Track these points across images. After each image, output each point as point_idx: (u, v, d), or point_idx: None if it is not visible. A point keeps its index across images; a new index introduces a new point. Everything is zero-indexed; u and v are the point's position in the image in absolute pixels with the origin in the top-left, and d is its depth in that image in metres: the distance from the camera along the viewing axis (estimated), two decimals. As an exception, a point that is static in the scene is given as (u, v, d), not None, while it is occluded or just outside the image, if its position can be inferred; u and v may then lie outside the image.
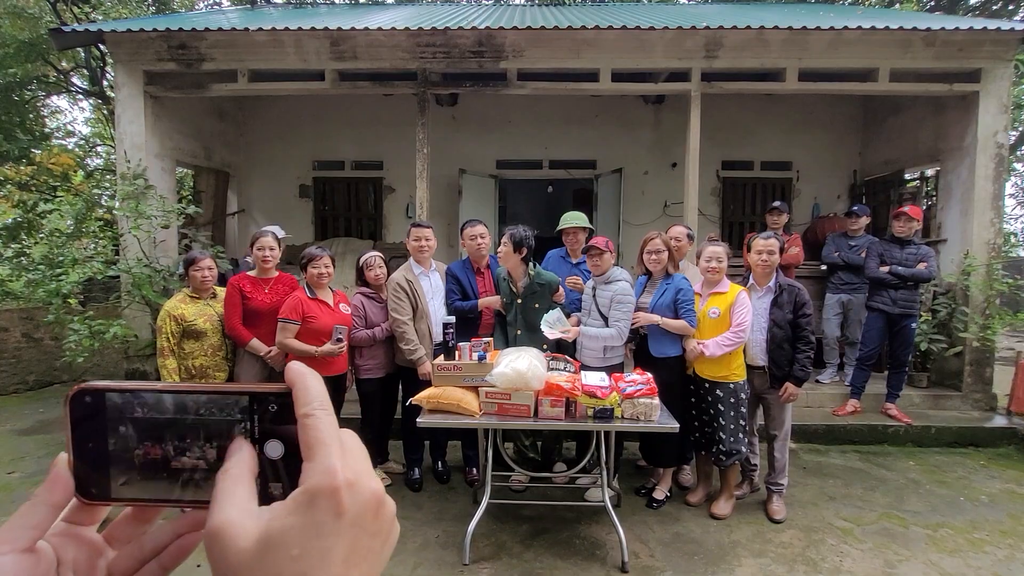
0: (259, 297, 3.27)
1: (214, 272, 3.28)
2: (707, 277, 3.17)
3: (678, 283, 3.16)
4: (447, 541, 2.97)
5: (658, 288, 3.21)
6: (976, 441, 4.49)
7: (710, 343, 3.07)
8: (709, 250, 3.16)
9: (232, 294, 3.23)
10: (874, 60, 4.89)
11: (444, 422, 2.77)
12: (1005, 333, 9.10)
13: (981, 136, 4.92)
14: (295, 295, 3.23)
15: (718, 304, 3.12)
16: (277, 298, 3.31)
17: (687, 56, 4.92)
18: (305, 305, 3.20)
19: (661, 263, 3.22)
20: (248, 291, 3.26)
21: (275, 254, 3.32)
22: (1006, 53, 4.88)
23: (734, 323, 3.06)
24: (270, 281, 3.35)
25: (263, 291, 3.30)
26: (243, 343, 3.25)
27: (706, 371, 3.15)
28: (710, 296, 3.17)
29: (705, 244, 3.26)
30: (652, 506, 3.33)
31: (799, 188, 7.13)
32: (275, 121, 7.02)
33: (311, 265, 3.25)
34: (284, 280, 3.42)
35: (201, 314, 3.22)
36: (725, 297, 3.12)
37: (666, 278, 3.20)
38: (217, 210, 6.49)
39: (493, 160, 7.10)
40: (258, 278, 3.33)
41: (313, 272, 3.25)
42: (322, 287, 3.32)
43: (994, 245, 4.92)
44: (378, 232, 7.16)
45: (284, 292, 3.35)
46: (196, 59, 5.01)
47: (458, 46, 4.87)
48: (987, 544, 3.00)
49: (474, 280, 3.56)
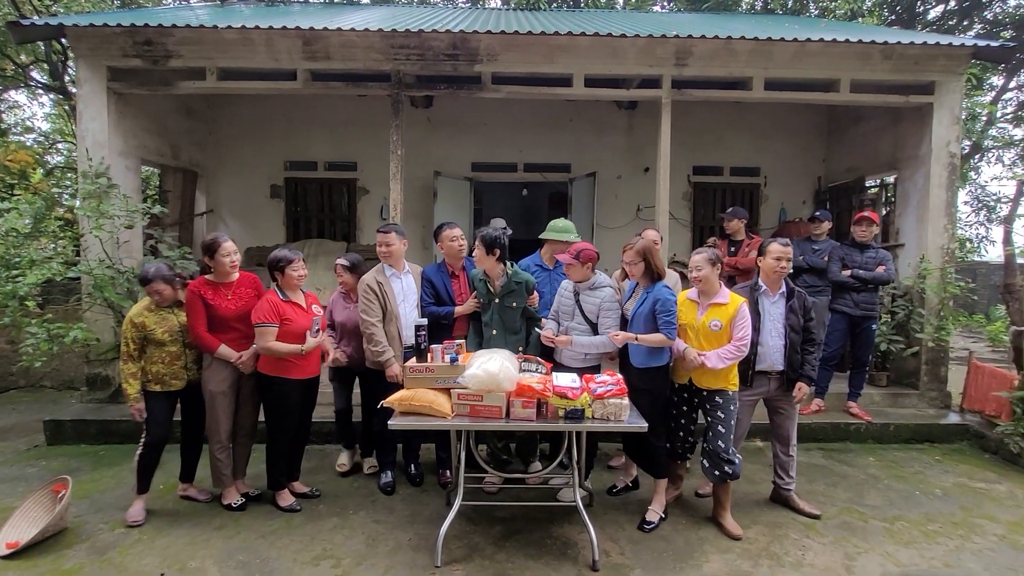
0: (223, 303, 3.18)
1: (171, 288, 3.14)
2: (695, 287, 3.09)
3: (657, 292, 3.05)
4: (419, 544, 2.96)
5: (639, 297, 3.14)
6: (932, 437, 4.69)
7: (711, 355, 2.96)
8: (692, 259, 3.09)
9: (193, 302, 3.13)
10: (836, 71, 5.08)
11: (416, 424, 2.77)
12: (959, 334, 9.53)
13: (935, 146, 5.15)
14: (268, 298, 3.17)
15: (720, 316, 3.00)
16: (242, 302, 3.23)
17: (658, 63, 5.02)
18: (279, 308, 3.14)
19: (635, 273, 3.15)
20: (210, 298, 3.15)
21: (239, 257, 3.26)
22: (958, 67, 5.12)
23: (736, 336, 2.98)
24: (232, 285, 3.25)
25: (226, 296, 3.20)
26: (211, 351, 3.16)
27: (705, 381, 3.05)
28: (710, 307, 3.04)
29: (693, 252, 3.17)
30: (643, 528, 3.13)
31: (767, 193, 7.34)
32: (246, 120, 6.89)
33: (290, 268, 3.18)
34: (246, 282, 3.32)
35: (162, 323, 3.13)
36: (726, 309, 3.01)
37: (649, 286, 3.12)
38: (184, 210, 6.32)
39: (468, 162, 7.11)
40: (219, 282, 3.22)
41: (292, 274, 3.19)
42: (296, 289, 3.28)
43: (948, 250, 5.15)
44: (352, 234, 7.08)
45: (249, 295, 3.27)
46: (163, 56, 4.89)
47: (432, 48, 4.87)
48: (940, 535, 3.13)
49: (449, 283, 3.56)
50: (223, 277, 3.22)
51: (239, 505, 3.32)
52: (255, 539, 3.00)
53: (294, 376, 3.21)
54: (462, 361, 2.87)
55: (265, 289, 3.32)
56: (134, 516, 3.15)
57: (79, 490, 3.48)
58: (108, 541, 2.98)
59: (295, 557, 2.83)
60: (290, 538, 3.01)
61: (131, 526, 3.09)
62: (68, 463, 4.05)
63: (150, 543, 2.96)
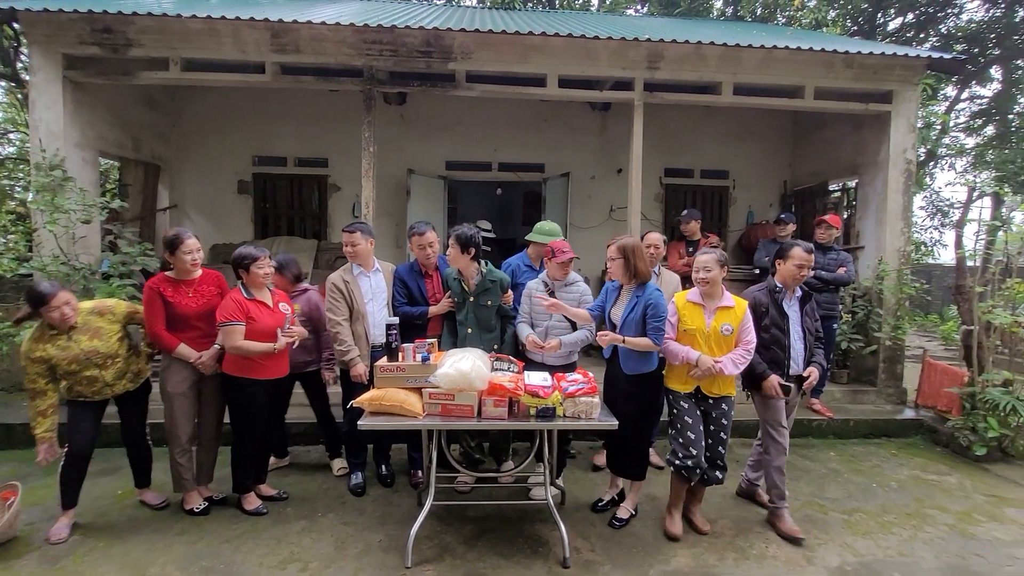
0: (183, 301, 3.07)
1: (73, 307, 2.80)
2: (701, 289, 2.96)
3: (650, 296, 2.92)
4: (389, 545, 2.93)
5: (629, 301, 2.99)
6: (888, 432, 4.88)
7: (726, 361, 2.85)
8: (699, 259, 2.94)
9: (152, 299, 3.01)
10: (801, 78, 5.24)
11: (386, 424, 2.73)
12: (915, 333, 9.95)
13: (893, 152, 5.36)
14: (232, 296, 3.06)
15: (730, 320, 2.90)
16: (204, 300, 3.11)
17: (630, 66, 5.09)
18: (244, 306, 3.05)
19: (614, 271, 3.04)
20: (170, 295, 3.04)
21: (201, 255, 3.14)
22: (914, 77, 5.35)
23: (744, 340, 2.90)
24: (193, 282, 3.13)
25: (187, 294, 3.08)
26: (170, 350, 3.05)
27: (715, 388, 2.96)
28: (718, 311, 2.92)
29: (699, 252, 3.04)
30: (614, 525, 3.15)
31: (735, 196, 7.52)
32: (212, 113, 6.69)
33: (255, 265, 3.06)
34: (209, 279, 3.20)
35: (64, 353, 2.80)
36: (735, 312, 2.92)
37: (638, 287, 2.97)
38: (146, 205, 6.10)
39: (442, 161, 7.07)
40: (180, 280, 3.10)
41: (257, 272, 3.07)
42: (262, 288, 3.19)
43: (904, 252, 5.38)
44: (322, 231, 6.96)
45: (211, 293, 3.16)
46: (123, 44, 4.71)
47: (406, 45, 4.82)
48: (895, 526, 3.27)
49: (423, 284, 3.52)
50: (184, 274, 3.10)
51: (201, 510, 3.21)
52: (219, 544, 2.92)
53: (260, 376, 3.11)
54: (434, 360, 2.85)
55: (231, 288, 3.22)
56: (57, 534, 2.91)
57: (30, 496, 3.32)
58: (61, 550, 2.85)
59: (261, 561, 2.76)
60: (256, 542, 2.94)
61: (55, 544, 2.87)
62: (18, 468, 3.85)
63: (107, 551, 2.84)
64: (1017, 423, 4.29)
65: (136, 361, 3.12)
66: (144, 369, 3.18)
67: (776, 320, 3.11)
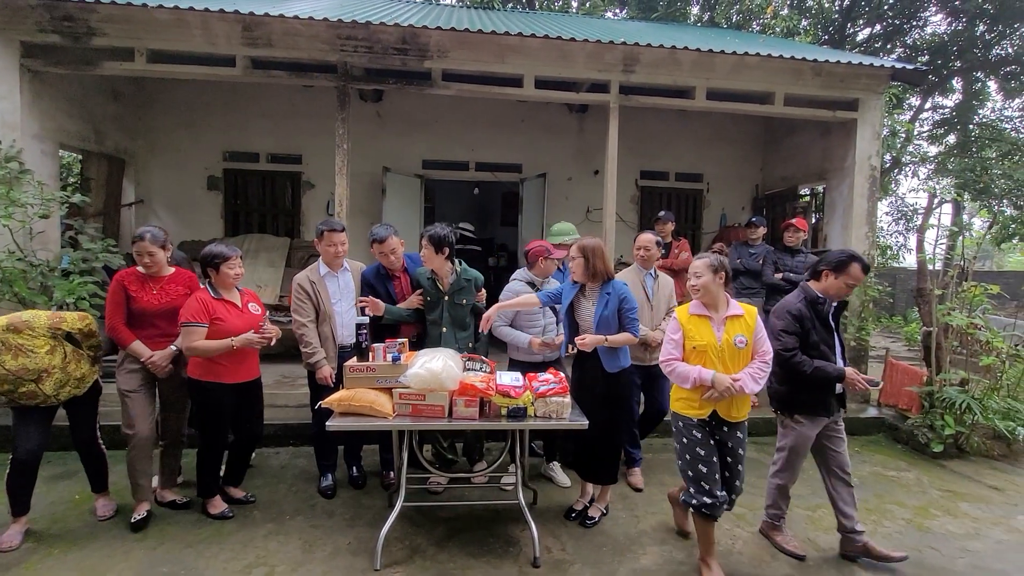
0: (145, 297, 3.01)
1: None
2: (694, 296, 2.67)
3: (620, 290, 2.93)
4: (359, 547, 2.89)
5: (600, 299, 2.95)
6: (852, 430, 4.99)
7: (745, 378, 2.51)
8: (693, 264, 2.67)
9: (115, 291, 2.96)
10: (771, 85, 5.36)
11: (356, 425, 2.70)
12: (879, 334, 10.28)
13: (858, 159, 5.53)
14: (198, 295, 2.97)
15: (743, 331, 2.58)
16: (168, 299, 3.05)
17: (606, 69, 5.13)
18: (210, 306, 2.96)
19: (575, 270, 3.02)
20: (133, 290, 2.98)
21: (157, 258, 3.00)
22: (878, 86, 5.52)
23: (761, 351, 2.59)
24: (161, 280, 3.08)
25: (151, 291, 3.03)
26: (124, 345, 2.99)
27: (733, 411, 2.60)
28: (727, 321, 2.59)
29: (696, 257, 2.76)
30: (585, 524, 3.13)
31: (709, 199, 7.66)
32: (180, 106, 6.52)
33: (225, 265, 2.99)
34: (179, 279, 3.14)
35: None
36: (745, 321, 2.60)
37: (604, 285, 2.96)
38: (110, 200, 5.90)
39: (419, 159, 7.02)
40: (148, 276, 3.05)
41: (228, 273, 3.00)
42: (231, 288, 3.10)
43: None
44: (295, 229, 6.84)
45: (178, 292, 3.09)
46: (85, 33, 4.55)
47: (381, 42, 4.77)
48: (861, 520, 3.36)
49: (391, 286, 3.47)
50: (147, 271, 3.04)
51: (139, 520, 2.98)
52: (181, 549, 2.84)
53: (225, 380, 3.02)
54: (405, 360, 2.83)
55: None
56: (8, 541, 2.79)
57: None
58: (12, 558, 2.73)
59: (225, 566, 2.70)
60: (220, 546, 2.87)
61: (5, 551, 2.75)
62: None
63: (62, 557, 2.74)
64: (972, 421, 4.46)
65: (78, 367, 2.92)
66: (89, 373, 3.00)
67: (823, 335, 2.79)
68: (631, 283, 3.57)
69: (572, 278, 3.08)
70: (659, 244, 3.67)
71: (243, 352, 3.04)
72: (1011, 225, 12.78)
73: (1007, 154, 12.37)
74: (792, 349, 2.76)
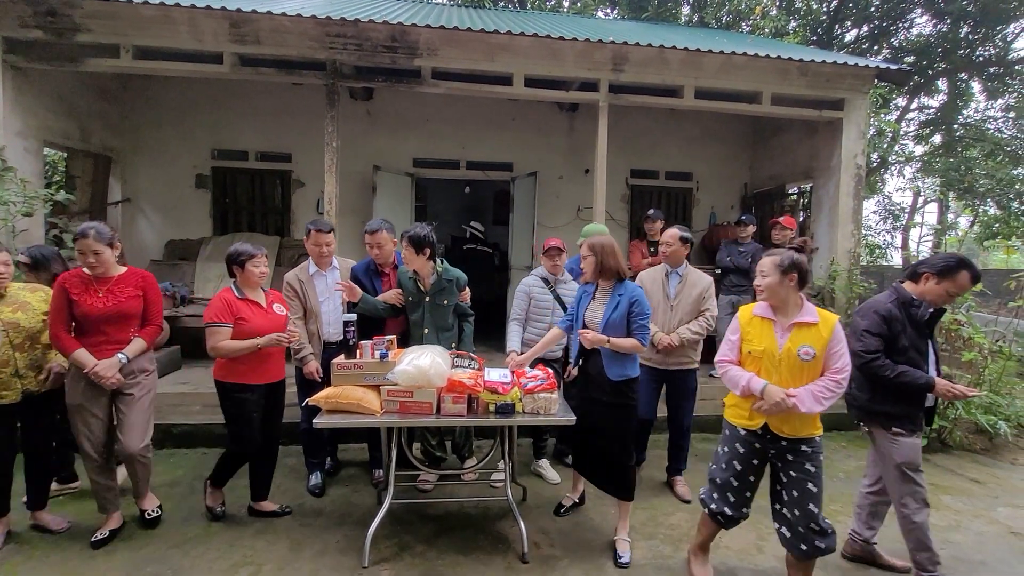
0: (89, 301, 2.68)
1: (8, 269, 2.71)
2: (759, 297, 2.39)
3: (632, 292, 2.75)
4: (347, 546, 2.88)
5: (610, 300, 2.79)
6: (839, 426, 5.08)
7: (803, 395, 2.19)
8: (761, 261, 2.35)
9: (57, 295, 2.67)
10: (758, 84, 5.41)
11: (343, 422, 2.69)
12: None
13: (844, 158, 5.60)
14: (222, 295, 2.85)
15: (811, 341, 2.22)
16: (115, 302, 2.72)
17: (596, 68, 5.15)
18: (234, 306, 2.84)
19: (586, 269, 2.87)
20: (75, 293, 2.67)
21: (103, 257, 2.67)
22: (864, 86, 5.59)
23: (833, 367, 2.22)
24: (109, 281, 2.74)
25: (95, 294, 2.70)
26: (66, 353, 2.70)
27: (789, 427, 2.28)
28: (793, 328, 2.25)
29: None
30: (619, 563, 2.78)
31: (699, 198, 7.70)
32: (168, 104, 6.46)
33: (251, 263, 2.88)
34: (130, 280, 2.80)
35: None
36: (818, 331, 2.23)
37: (618, 285, 2.81)
38: (96, 198, 5.84)
39: (410, 158, 7.01)
40: (93, 276, 2.72)
41: (253, 271, 2.89)
42: (256, 287, 2.99)
43: (854, 253, 5.61)
44: (285, 228, 6.80)
45: (128, 295, 2.76)
46: (69, 29, 4.50)
47: (370, 39, 4.76)
48: (840, 515, 3.40)
49: (379, 283, 3.48)
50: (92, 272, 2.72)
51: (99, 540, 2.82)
52: (167, 549, 2.82)
53: (252, 381, 2.92)
54: (392, 357, 2.82)
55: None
56: None
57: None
58: (-6, 558, 2.70)
59: (211, 566, 2.68)
60: (207, 546, 2.85)
61: None
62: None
63: (44, 558, 2.71)
64: (955, 416, 4.53)
65: (51, 357, 2.86)
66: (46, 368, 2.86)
67: (915, 341, 2.52)
68: (652, 280, 3.54)
69: (583, 278, 2.96)
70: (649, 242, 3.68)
71: (267, 352, 2.95)
72: (994, 224, 12.98)
73: (990, 154, 12.57)
74: (875, 352, 2.49)
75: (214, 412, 4.37)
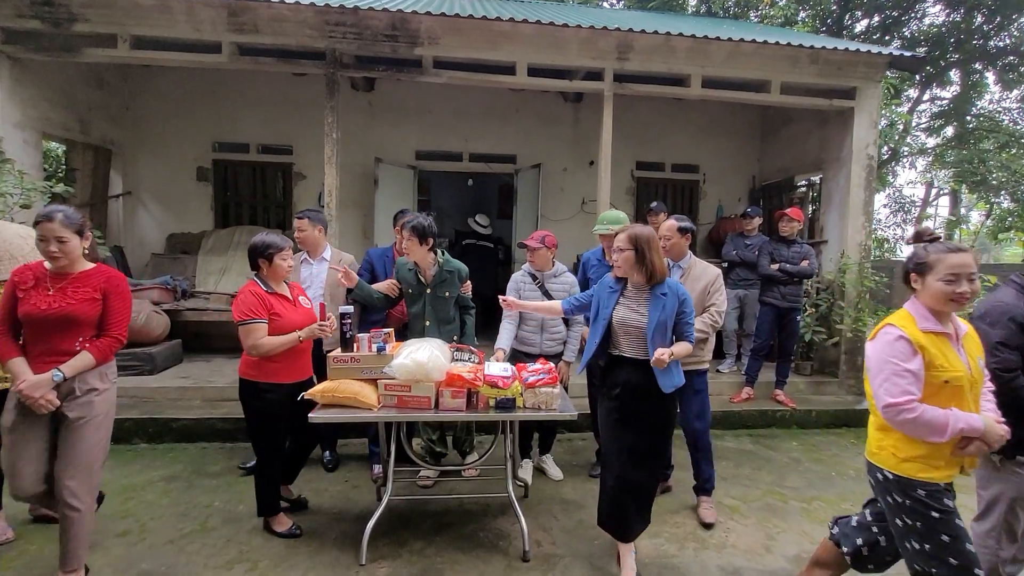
0: (33, 299, 2.23)
1: None
2: (953, 306, 1.83)
3: (679, 290, 2.45)
4: (344, 543, 2.83)
5: (653, 301, 2.41)
6: (849, 422, 4.98)
7: (997, 418, 1.84)
8: (953, 260, 1.80)
9: (6, 290, 2.29)
10: (767, 73, 5.27)
11: (340, 416, 2.63)
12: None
13: (855, 148, 5.46)
14: (250, 290, 2.69)
15: (979, 351, 1.91)
16: (64, 304, 2.23)
17: (600, 56, 5.04)
18: (266, 300, 2.69)
19: (623, 265, 2.44)
20: (23, 289, 2.25)
21: (69, 247, 2.23)
22: (876, 74, 5.44)
23: (986, 381, 1.96)
24: (65, 278, 2.27)
25: (44, 291, 2.24)
26: (2, 360, 2.30)
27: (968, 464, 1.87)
28: (964, 339, 1.89)
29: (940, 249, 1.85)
30: None
31: (705, 190, 7.58)
32: (168, 95, 6.40)
33: (279, 256, 2.73)
34: (92, 279, 2.31)
35: None
36: (974, 337, 1.94)
37: (657, 285, 2.43)
38: (96, 191, 5.80)
39: (412, 150, 6.93)
40: (51, 271, 2.28)
41: (281, 264, 2.74)
42: (282, 281, 2.84)
43: (865, 246, 5.48)
44: (287, 221, 6.74)
45: (83, 297, 2.27)
46: (66, 19, 4.44)
47: (370, 28, 4.67)
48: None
49: (391, 269, 3.44)
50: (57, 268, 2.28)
51: None
52: (162, 544, 2.77)
53: (283, 380, 2.75)
54: (390, 351, 2.76)
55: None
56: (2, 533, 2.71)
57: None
58: (-12, 553, 2.67)
59: (206, 563, 2.63)
60: (203, 543, 2.80)
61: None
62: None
63: (38, 553, 2.67)
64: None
65: None
66: None
67: None
68: None
69: (616, 274, 2.53)
70: None
71: (300, 348, 2.81)
72: (1008, 218, 12.74)
73: (1004, 146, 12.31)
74: (1014, 370, 2.06)
75: (213, 407, 4.38)
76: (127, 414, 4.16)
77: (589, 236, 6.23)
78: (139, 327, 4.84)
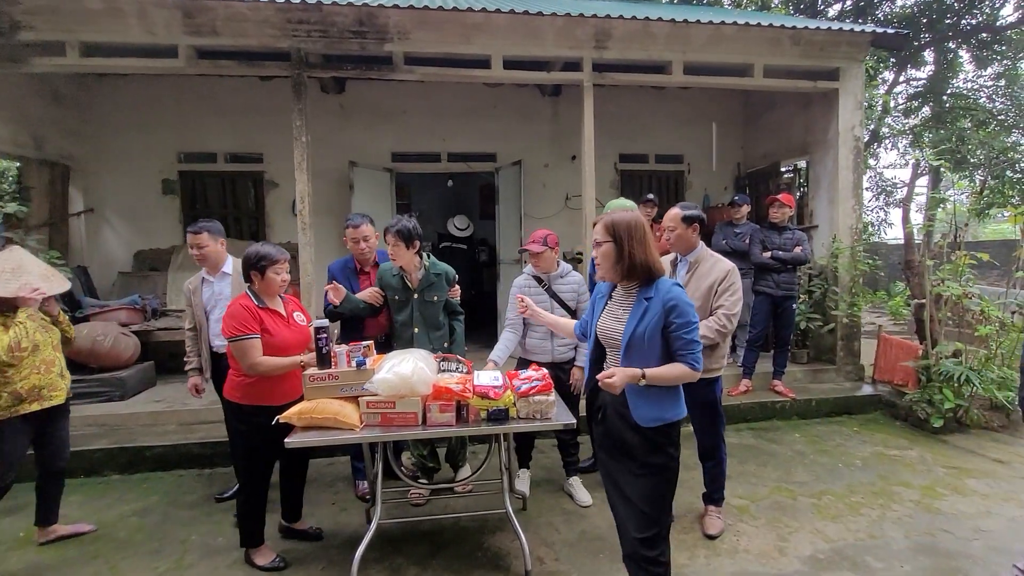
0: None
1: None
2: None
3: (668, 294, 1.87)
4: (333, 572, 2.63)
5: (635, 304, 1.91)
6: (849, 409, 4.88)
7: None
8: None
9: None
10: (749, 56, 5.15)
11: (319, 440, 2.41)
12: (866, 310, 10.25)
13: (841, 129, 5.36)
14: (241, 303, 2.51)
15: None
16: None
17: (578, 45, 4.87)
18: (257, 315, 2.51)
19: (602, 263, 1.97)
20: None
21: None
22: (859, 54, 5.35)
23: None
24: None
25: None
26: None
27: None
28: None
29: None
30: None
31: (691, 180, 7.46)
32: (128, 106, 6.10)
33: (272, 269, 2.54)
34: None
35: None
36: None
37: (644, 287, 1.92)
38: (55, 209, 5.49)
39: (388, 152, 6.69)
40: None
41: (274, 278, 2.55)
42: (275, 296, 2.66)
43: (856, 229, 5.39)
44: (260, 231, 6.49)
45: None
46: (9, 27, 4.16)
47: (336, 24, 4.45)
48: (863, 506, 3.19)
49: (356, 283, 3.22)
50: None
51: None
52: (132, 589, 2.55)
53: (274, 402, 2.54)
54: (371, 365, 2.55)
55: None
56: None
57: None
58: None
59: (180, 606, 2.42)
60: (176, 582, 2.59)
61: None
62: None
63: None
64: (971, 393, 4.34)
65: None
66: None
67: None
68: None
69: (597, 275, 2.07)
70: None
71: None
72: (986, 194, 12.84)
73: (982, 123, 12.41)
74: None
75: (190, 431, 4.14)
76: (97, 444, 3.90)
77: (574, 232, 6.11)
78: (106, 351, 4.57)
